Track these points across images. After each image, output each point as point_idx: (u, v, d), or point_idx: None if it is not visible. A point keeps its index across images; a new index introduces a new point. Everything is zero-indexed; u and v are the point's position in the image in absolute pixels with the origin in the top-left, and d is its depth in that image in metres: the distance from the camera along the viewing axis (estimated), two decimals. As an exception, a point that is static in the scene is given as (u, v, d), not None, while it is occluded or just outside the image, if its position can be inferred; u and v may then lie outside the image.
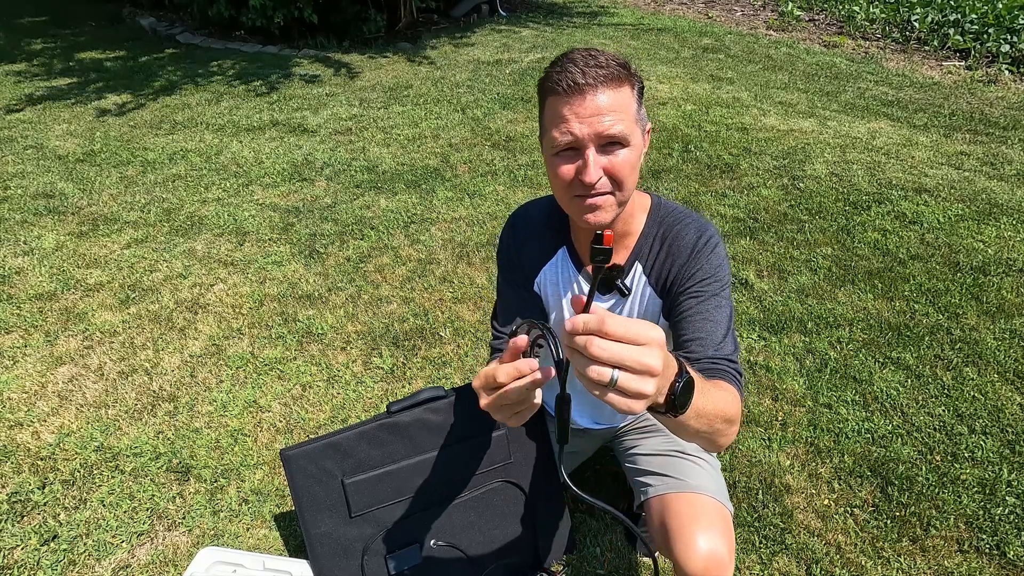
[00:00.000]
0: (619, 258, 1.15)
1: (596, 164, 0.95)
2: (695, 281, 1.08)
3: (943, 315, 2.39)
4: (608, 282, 1.14)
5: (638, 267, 1.14)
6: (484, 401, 0.78)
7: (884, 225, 2.95)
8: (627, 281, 1.15)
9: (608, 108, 0.93)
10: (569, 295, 0.85)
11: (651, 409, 0.74)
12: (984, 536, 1.61)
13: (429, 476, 1.43)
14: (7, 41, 6.61)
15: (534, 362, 0.73)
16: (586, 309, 0.62)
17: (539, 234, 1.22)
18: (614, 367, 0.59)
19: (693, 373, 0.76)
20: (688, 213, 1.14)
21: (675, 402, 0.72)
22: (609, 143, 0.95)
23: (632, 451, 1.38)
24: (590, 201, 0.99)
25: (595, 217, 1.00)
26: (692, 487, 1.18)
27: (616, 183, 0.98)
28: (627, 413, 0.62)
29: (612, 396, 0.61)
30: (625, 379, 0.59)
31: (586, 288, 1.17)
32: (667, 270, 1.12)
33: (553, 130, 0.97)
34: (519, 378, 0.73)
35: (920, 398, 2.03)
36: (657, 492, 1.21)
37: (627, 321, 0.60)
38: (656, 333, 0.61)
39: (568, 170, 0.98)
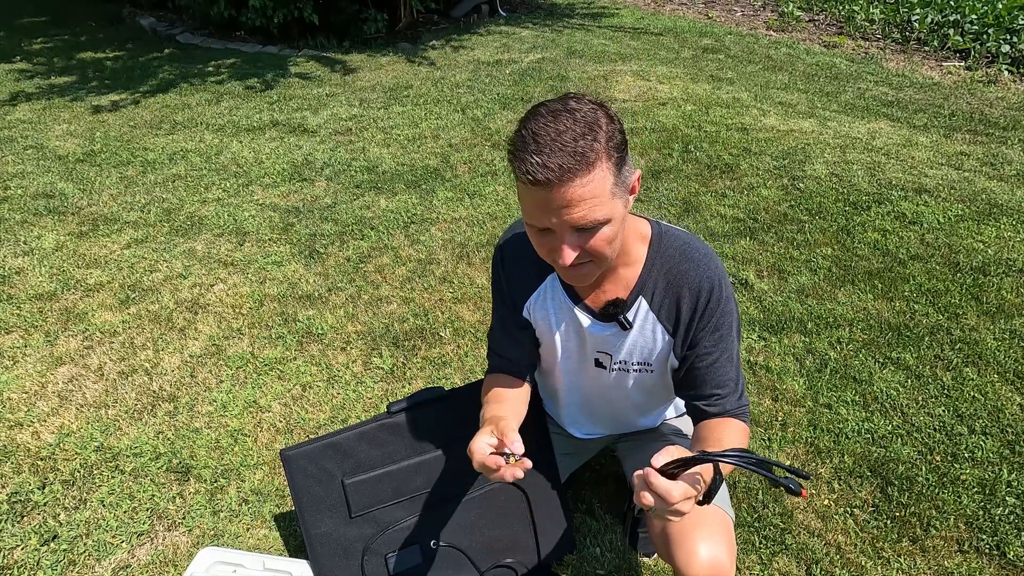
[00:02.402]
0: (620, 291, 1.12)
1: (570, 247, 0.93)
2: (709, 332, 1.10)
3: (943, 315, 2.39)
4: (609, 316, 1.14)
5: (643, 303, 1.12)
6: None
7: (884, 225, 2.95)
8: (629, 316, 1.13)
9: (578, 199, 0.87)
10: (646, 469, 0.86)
11: None
12: (984, 536, 1.61)
13: (429, 476, 1.43)
14: (7, 41, 6.62)
15: (505, 468, 0.97)
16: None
17: (527, 263, 1.20)
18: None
19: (720, 461, 0.91)
20: (691, 247, 1.11)
21: (706, 502, 0.90)
22: (584, 228, 0.92)
23: (635, 455, 1.37)
24: (572, 273, 1.00)
25: (577, 282, 1.02)
26: None
27: (594, 256, 0.96)
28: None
29: (661, 514, 0.84)
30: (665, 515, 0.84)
31: (584, 320, 1.17)
32: (675, 312, 1.11)
33: (525, 212, 0.94)
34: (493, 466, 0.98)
35: (920, 398, 2.03)
36: None
37: (678, 492, 0.81)
38: (690, 491, 0.83)
39: (543, 244, 0.96)
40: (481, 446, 1.01)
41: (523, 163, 0.87)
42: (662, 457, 0.84)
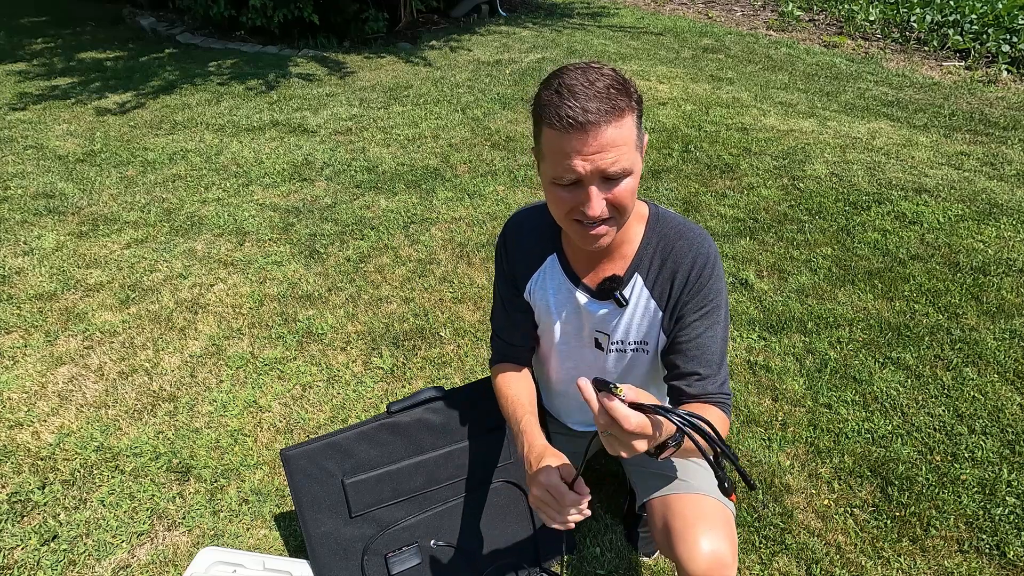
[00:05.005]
0: (617, 268, 1.14)
1: (599, 197, 0.95)
2: (696, 307, 1.11)
3: (943, 315, 2.39)
4: (606, 292, 1.15)
5: (638, 279, 1.14)
6: (535, 497, 1.02)
7: (884, 225, 2.95)
8: (625, 292, 1.14)
9: (611, 144, 0.91)
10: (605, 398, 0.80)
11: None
12: (984, 536, 1.61)
13: (429, 476, 1.43)
14: (8, 41, 6.62)
15: (584, 510, 0.99)
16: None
17: (530, 244, 1.23)
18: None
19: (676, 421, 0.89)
20: (687, 226, 1.13)
21: (656, 455, 0.90)
22: (612, 177, 0.95)
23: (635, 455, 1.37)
24: (592, 232, 0.99)
25: (597, 244, 1.02)
26: (694, 488, 1.18)
27: (618, 210, 0.98)
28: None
29: (603, 437, 0.83)
30: (610, 439, 0.82)
31: (581, 298, 1.18)
32: (668, 287, 1.13)
33: (554, 164, 0.95)
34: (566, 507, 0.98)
35: (920, 398, 2.03)
36: (659, 493, 1.21)
37: (637, 424, 0.78)
38: (650, 430, 0.80)
39: (569, 199, 0.97)
40: (556, 482, 1.00)
41: (559, 109, 0.90)
42: (633, 393, 0.81)
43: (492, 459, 1.46)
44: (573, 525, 0.99)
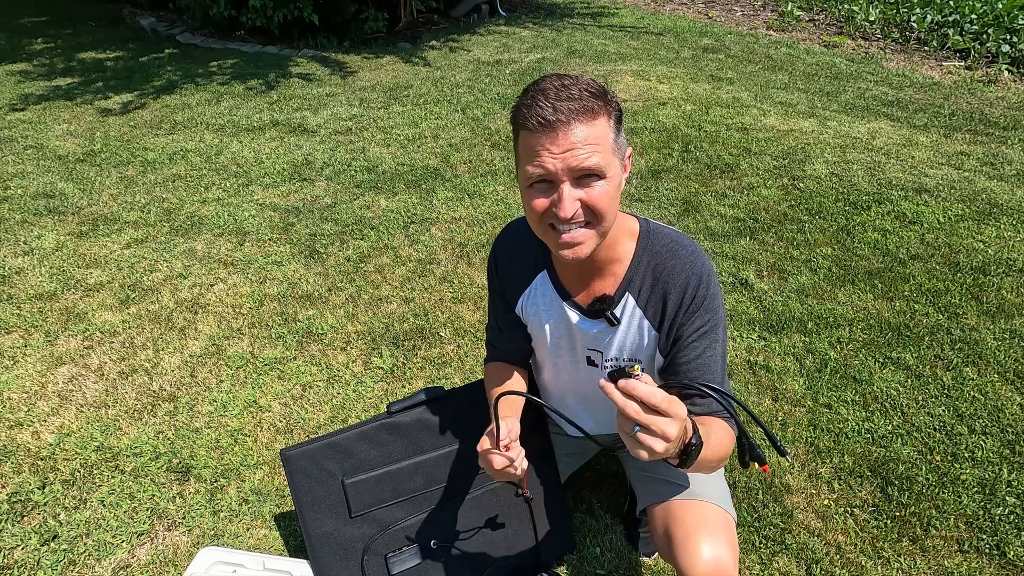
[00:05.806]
0: (608, 287, 1.13)
1: (571, 197, 0.93)
2: (693, 328, 1.09)
3: (943, 315, 2.39)
4: (597, 312, 1.14)
5: (630, 299, 1.12)
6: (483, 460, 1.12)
7: (884, 225, 2.95)
8: (617, 311, 1.13)
9: (582, 141, 0.91)
10: (634, 374, 0.77)
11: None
12: (984, 536, 1.61)
13: (429, 476, 1.43)
14: (8, 41, 6.62)
15: (514, 462, 1.08)
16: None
17: (520, 260, 1.22)
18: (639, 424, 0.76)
19: (701, 432, 0.88)
20: (679, 243, 1.11)
21: (684, 462, 0.86)
22: (585, 175, 0.93)
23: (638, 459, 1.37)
24: (566, 237, 0.97)
25: (573, 252, 0.98)
26: (696, 494, 1.18)
27: (593, 214, 0.96)
28: (638, 457, 0.79)
29: (631, 441, 0.77)
30: (641, 435, 0.76)
31: (572, 316, 1.17)
32: (661, 308, 1.11)
33: (527, 164, 0.95)
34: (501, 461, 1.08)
35: (920, 398, 2.03)
36: (661, 498, 1.21)
37: (664, 397, 0.76)
38: (681, 409, 0.78)
39: (542, 203, 0.96)
40: (483, 443, 1.11)
41: (531, 109, 0.92)
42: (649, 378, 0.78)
43: (492, 459, 1.46)
44: (511, 474, 1.10)
